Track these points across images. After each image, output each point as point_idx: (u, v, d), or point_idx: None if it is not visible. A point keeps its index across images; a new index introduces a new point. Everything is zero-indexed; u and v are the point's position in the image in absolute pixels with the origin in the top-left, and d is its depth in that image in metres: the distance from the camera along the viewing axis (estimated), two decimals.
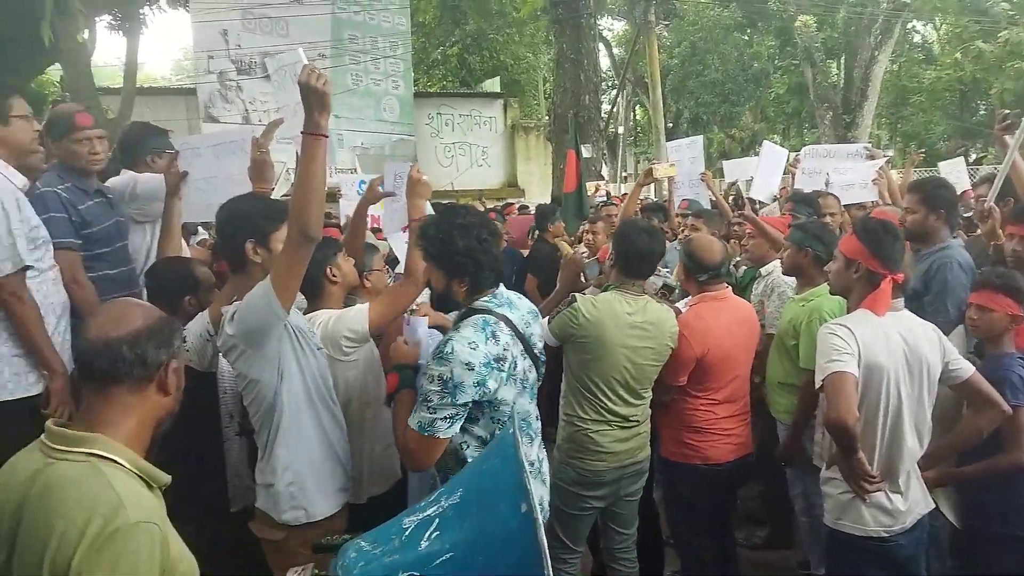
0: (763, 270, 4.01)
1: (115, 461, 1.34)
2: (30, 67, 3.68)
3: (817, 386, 2.36)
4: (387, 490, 2.79)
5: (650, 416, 3.04)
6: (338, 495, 2.38)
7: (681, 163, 5.63)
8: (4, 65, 3.41)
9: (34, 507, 1.28)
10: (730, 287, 3.24)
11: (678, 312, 3.11)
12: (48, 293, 2.72)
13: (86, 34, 9.98)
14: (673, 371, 3.00)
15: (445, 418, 2.08)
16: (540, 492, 2.42)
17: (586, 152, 10.94)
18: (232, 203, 2.34)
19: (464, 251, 2.19)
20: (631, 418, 2.90)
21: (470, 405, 2.12)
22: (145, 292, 2.92)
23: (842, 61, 24.44)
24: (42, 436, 1.38)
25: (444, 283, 2.27)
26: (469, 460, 2.18)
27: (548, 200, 11.23)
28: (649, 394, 2.98)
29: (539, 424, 2.43)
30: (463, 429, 2.17)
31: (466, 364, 2.07)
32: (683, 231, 4.57)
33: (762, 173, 5.84)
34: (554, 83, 14.27)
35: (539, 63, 24.07)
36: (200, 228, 3.94)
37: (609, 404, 2.84)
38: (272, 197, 3.01)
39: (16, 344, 2.62)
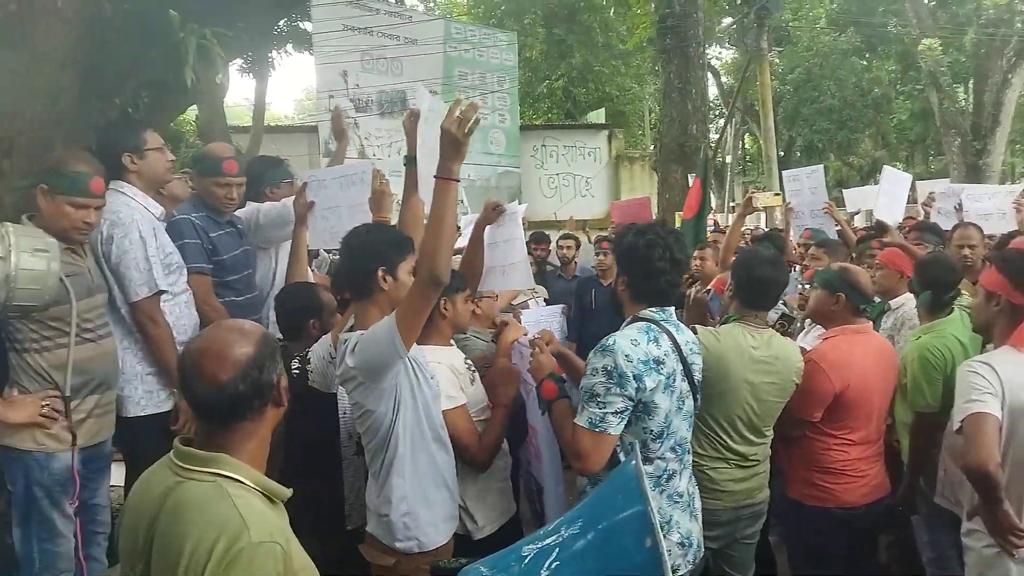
0: (893, 303, 3.73)
1: (238, 480, 1.40)
2: (173, 107, 3.99)
3: (955, 428, 2.22)
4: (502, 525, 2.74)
5: (770, 455, 2.86)
6: (448, 523, 2.39)
7: (800, 192, 5.41)
8: (154, 105, 3.71)
9: (165, 525, 1.37)
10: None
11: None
12: (180, 315, 2.90)
13: (219, 77, 10.83)
14: (807, 405, 2.81)
15: (615, 412, 2.15)
16: (690, 527, 2.37)
17: (691, 181, 10.71)
18: (362, 231, 2.38)
19: (643, 259, 2.29)
20: (750, 457, 2.74)
21: (634, 401, 2.16)
22: (272, 315, 3.05)
23: (970, 85, 23.00)
24: (171, 454, 1.46)
25: (623, 288, 2.41)
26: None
27: None
28: (771, 433, 2.81)
29: (690, 456, 2.45)
30: None
31: (626, 356, 2.14)
32: (805, 262, 4.33)
33: (885, 198, 5.52)
34: (660, 113, 14.13)
35: (644, 94, 23.98)
36: (323, 252, 4.13)
37: (729, 442, 2.70)
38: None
39: (150, 363, 2.80)
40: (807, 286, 3.74)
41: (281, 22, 14.24)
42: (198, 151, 3.21)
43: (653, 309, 2.33)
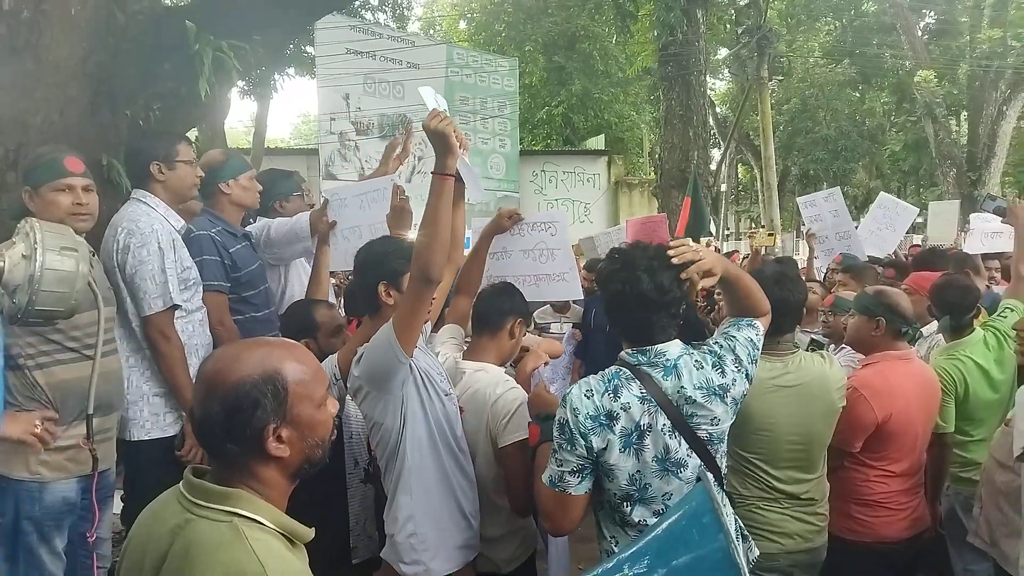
0: (925, 330, 3.62)
1: (257, 521, 1.23)
2: (186, 121, 3.90)
3: (1017, 454, 2.13)
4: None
5: (827, 494, 2.64)
6: (461, 552, 2.21)
7: (820, 218, 5.34)
8: (166, 118, 3.61)
9: (174, 570, 1.20)
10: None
11: None
12: (193, 334, 2.75)
13: (229, 94, 10.80)
14: (847, 435, 2.65)
15: (573, 472, 1.87)
16: None
17: None
18: (367, 245, 2.35)
19: (611, 292, 1.94)
20: (802, 496, 2.50)
21: (590, 460, 1.88)
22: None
23: (963, 117, 23.28)
24: (181, 485, 1.28)
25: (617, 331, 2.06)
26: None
27: None
28: (822, 467, 2.59)
29: None
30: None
31: (574, 410, 1.86)
32: (834, 289, 4.22)
33: (876, 226, 5.48)
34: (661, 140, 14.18)
35: (642, 121, 24.15)
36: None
37: (774, 481, 2.48)
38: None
39: (158, 383, 2.65)
40: (830, 313, 3.64)
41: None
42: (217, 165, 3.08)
43: (629, 351, 1.96)
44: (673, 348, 1.93)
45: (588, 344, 5.80)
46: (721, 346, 2.00)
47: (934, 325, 3.55)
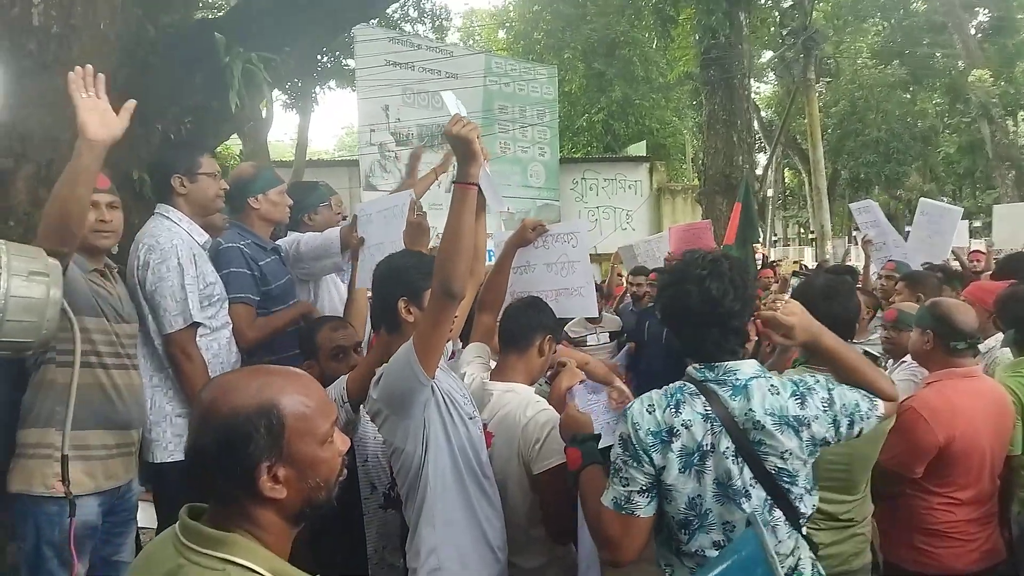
0: (981, 346, 3.37)
1: (251, 570, 1.11)
2: (217, 134, 3.88)
3: None
4: None
5: (869, 515, 2.51)
6: None
7: (877, 223, 5.07)
8: (197, 131, 3.58)
9: None
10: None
11: None
12: (218, 352, 2.69)
13: (264, 113, 10.93)
14: (907, 460, 2.48)
15: (642, 491, 1.73)
16: None
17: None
18: (387, 259, 2.24)
19: (673, 302, 1.81)
20: (841, 516, 2.39)
21: (657, 478, 1.73)
22: None
23: (1020, 117, 22.42)
24: (176, 527, 1.18)
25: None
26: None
27: None
28: (865, 489, 2.45)
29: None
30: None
31: (635, 425, 1.74)
32: (893, 298, 3.96)
33: (924, 233, 5.18)
34: (704, 145, 13.90)
35: (684, 127, 23.79)
36: None
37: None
38: None
39: (181, 403, 2.59)
40: (892, 328, 3.39)
41: (324, 59, 14.49)
42: (250, 178, 3.02)
43: (696, 366, 1.82)
44: (746, 368, 1.77)
45: (640, 357, 5.63)
46: (817, 381, 1.80)
47: (993, 339, 3.30)
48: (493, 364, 2.50)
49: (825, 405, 1.75)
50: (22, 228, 2.91)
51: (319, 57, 14.04)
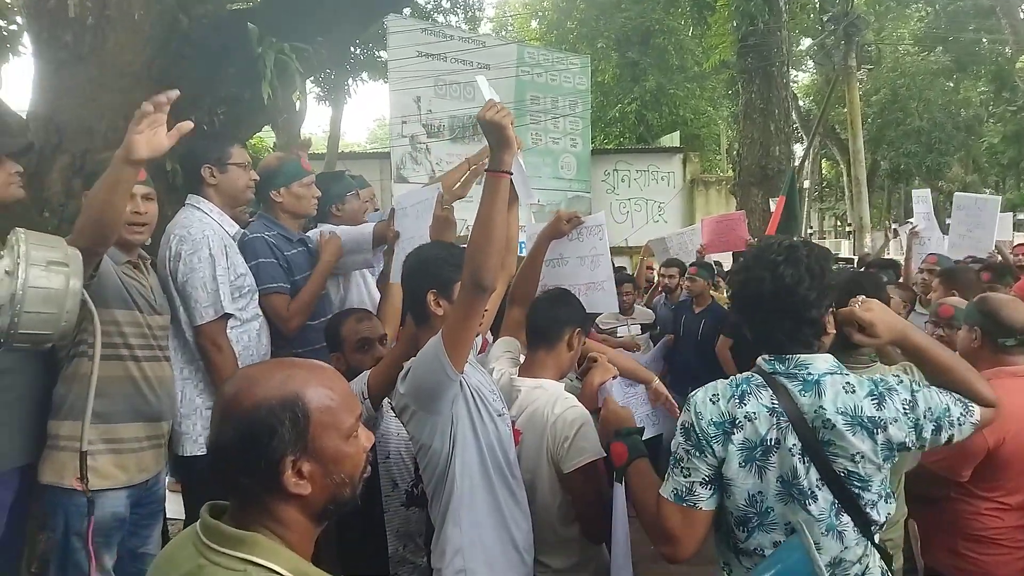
0: None
1: (272, 571, 1.08)
2: (250, 125, 3.87)
3: None
4: None
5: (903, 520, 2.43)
6: None
7: (929, 216, 4.91)
8: (230, 122, 3.58)
9: None
10: None
11: None
12: (248, 345, 2.67)
13: (297, 105, 10.96)
14: (954, 463, 2.38)
15: (703, 482, 1.66)
16: None
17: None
18: (417, 251, 2.19)
19: (745, 291, 1.73)
20: None
21: (719, 469, 1.66)
22: None
23: None
24: (197, 525, 1.14)
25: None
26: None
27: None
28: (897, 490, 2.38)
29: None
30: None
31: (698, 414, 1.67)
32: (933, 293, 3.81)
33: (964, 228, 4.98)
34: (740, 135, 13.62)
35: (719, 116, 23.41)
36: None
37: None
38: None
39: (211, 396, 2.58)
40: (946, 326, 3.22)
41: (357, 50, 14.51)
42: (273, 169, 2.98)
43: (767, 357, 1.74)
44: (820, 362, 1.67)
45: (672, 353, 5.54)
46: (900, 381, 1.69)
47: None
48: (523, 358, 2.44)
49: (907, 407, 1.63)
50: (57, 219, 2.94)
51: (351, 49, 14.07)
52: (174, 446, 2.56)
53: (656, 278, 6.72)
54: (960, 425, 1.68)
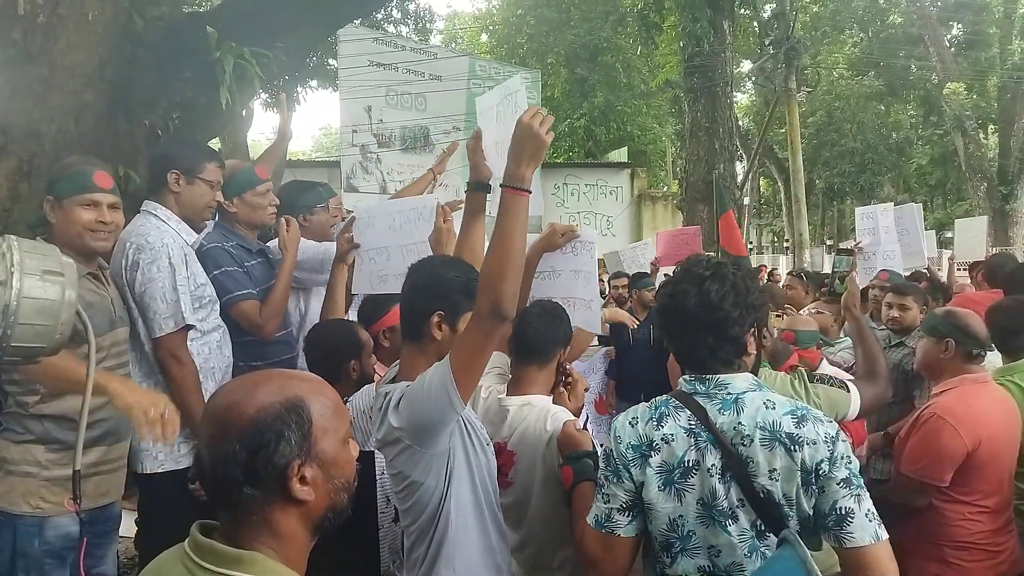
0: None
1: None
2: (205, 131, 3.75)
3: None
4: None
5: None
6: None
7: (874, 231, 5.09)
8: (185, 127, 3.46)
9: None
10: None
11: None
12: (209, 357, 2.58)
13: (243, 112, 10.67)
14: (935, 468, 2.46)
15: (622, 508, 1.64)
16: None
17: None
18: (434, 263, 1.98)
19: (667, 309, 1.70)
20: None
21: (638, 495, 1.64)
22: (302, 359, 2.73)
23: (991, 130, 22.91)
24: (186, 544, 1.10)
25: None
26: None
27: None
28: None
29: None
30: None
31: (616, 438, 1.67)
32: (889, 309, 3.93)
33: (891, 240, 5.17)
34: (686, 152, 13.96)
35: (665, 133, 23.93)
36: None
37: None
38: None
39: None
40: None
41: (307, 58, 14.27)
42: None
43: (687, 377, 1.70)
44: (740, 381, 1.64)
45: (623, 362, 5.58)
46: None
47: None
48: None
49: (829, 440, 1.55)
50: (1, 225, 2.80)
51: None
52: (132, 463, 2.45)
53: (608, 290, 6.82)
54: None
